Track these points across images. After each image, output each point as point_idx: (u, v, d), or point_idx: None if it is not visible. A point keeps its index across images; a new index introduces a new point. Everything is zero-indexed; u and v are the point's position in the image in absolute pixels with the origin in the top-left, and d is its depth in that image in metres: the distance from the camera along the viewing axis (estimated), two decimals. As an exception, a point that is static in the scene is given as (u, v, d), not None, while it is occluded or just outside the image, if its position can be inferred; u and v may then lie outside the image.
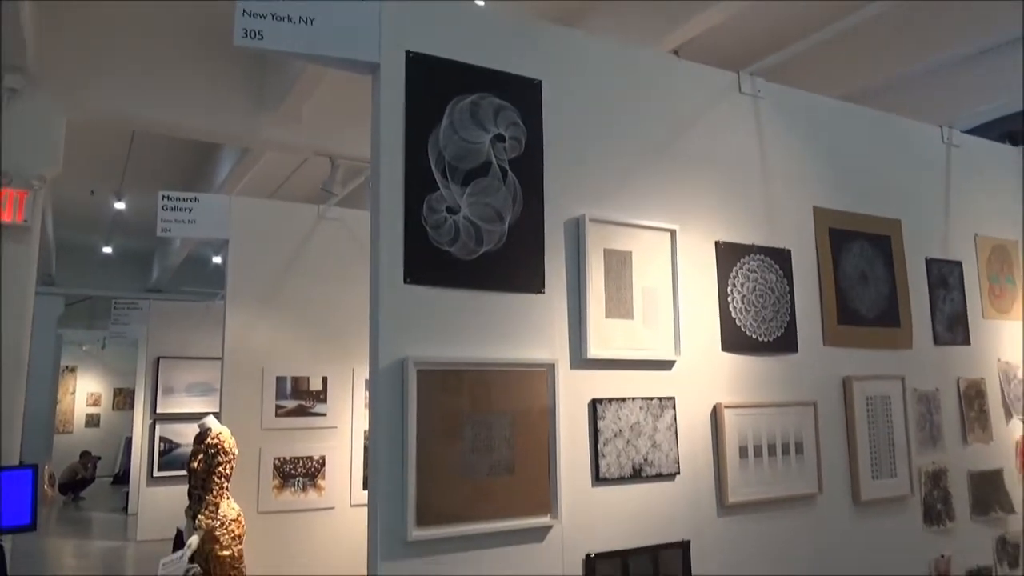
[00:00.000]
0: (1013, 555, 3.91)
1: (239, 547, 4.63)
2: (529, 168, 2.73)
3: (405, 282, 2.45)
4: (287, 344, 5.48)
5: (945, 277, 3.92)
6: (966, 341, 3.95)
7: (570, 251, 2.78)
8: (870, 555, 3.37)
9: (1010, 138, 4.85)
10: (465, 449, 2.46)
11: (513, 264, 2.65)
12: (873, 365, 3.53)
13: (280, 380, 5.40)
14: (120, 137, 8.28)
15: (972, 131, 4.68)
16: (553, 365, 2.64)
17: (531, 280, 2.68)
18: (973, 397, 3.90)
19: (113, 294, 12.05)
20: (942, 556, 3.61)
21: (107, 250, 12.96)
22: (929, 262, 3.87)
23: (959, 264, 4.00)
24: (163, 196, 5.30)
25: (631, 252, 2.90)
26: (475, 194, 2.61)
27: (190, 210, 5.28)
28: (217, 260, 11.86)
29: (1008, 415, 4.05)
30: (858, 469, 3.36)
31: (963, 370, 3.90)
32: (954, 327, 3.91)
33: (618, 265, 2.86)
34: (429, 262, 2.50)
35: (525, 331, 2.65)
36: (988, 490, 3.85)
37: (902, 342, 3.67)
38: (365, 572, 2.40)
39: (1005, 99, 5.43)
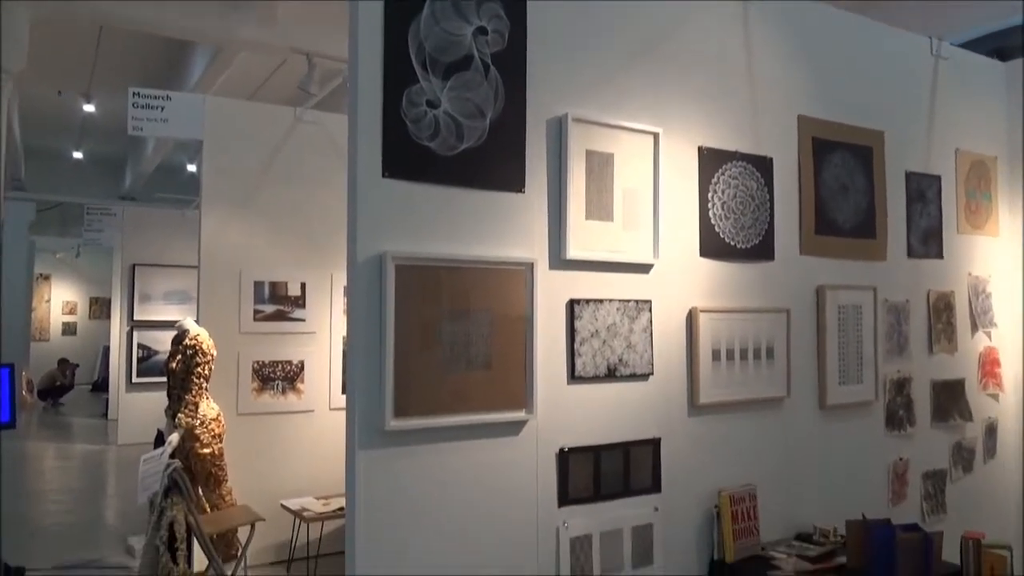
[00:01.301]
0: (968, 460, 4.09)
1: (219, 446, 4.71)
2: (512, 63, 2.66)
3: (383, 176, 2.42)
4: (264, 249, 5.43)
5: (923, 191, 3.94)
6: (939, 255, 4.01)
7: (552, 151, 2.75)
8: (833, 457, 3.50)
9: (998, 53, 4.79)
10: (443, 344, 2.48)
11: (494, 161, 2.61)
12: (847, 275, 3.58)
13: (258, 285, 5.38)
14: (87, 34, 7.94)
15: (962, 45, 4.61)
16: (532, 264, 2.65)
17: (512, 179, 2.65)
18: (942, 309, 3.99)
19: (85, 200, 11.80)
20: (900, 459, 3.77)
21: (78, 155, 12.64)
22: (909, 175, 3.88)
23: (938, 178, 4.02)
24: (134, 93, 5.13)
25: (613, 154, 2.87)
26: (456, 88, 2.55)
27: (162, 108, 5.12)
28: (192, 168, 11.61)
29: (974, 328, 4.16)
30: (826, 375, 3.46)
31: (934, 283, 3.97)
32: (928, 241, 3.96)
33: (600, 167, 2.84)
34: (408, 157, 2.46)
35: (504, 230, 2.64)
36: (949, 399, 3.99)
37: (877, 254, 3.72)
38: (344, 469, 2.45)
39: (997, 13, 5.34)
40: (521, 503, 2.63)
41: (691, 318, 3.07)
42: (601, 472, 2.82)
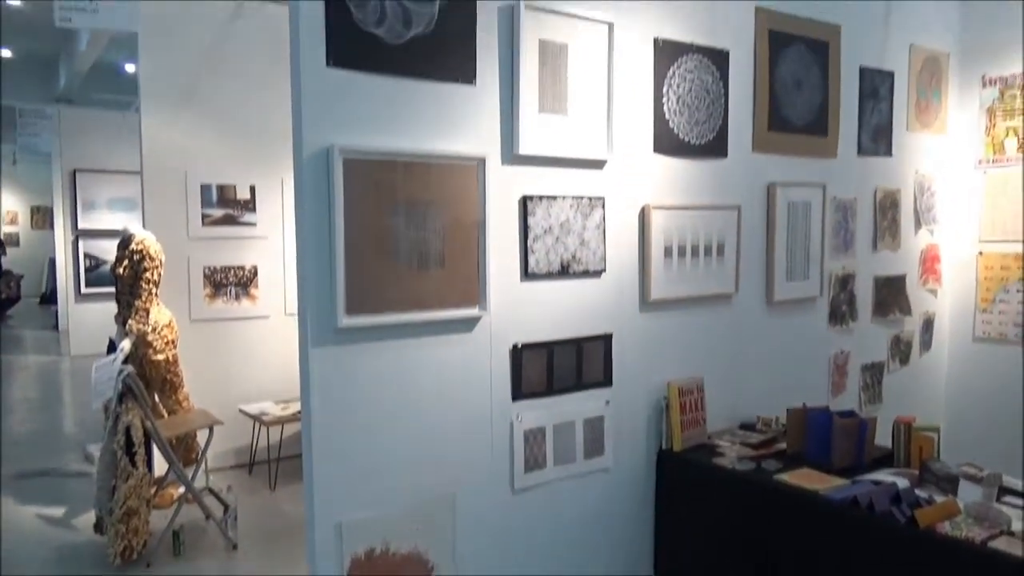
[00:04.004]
0: (905, 352, 4.27)
1: (173, 352, 4.66)
2: (461, -55, 2.53)
3: (328, 65, 2.32)
4: (211, 151, 5.23)
5: (877, 87, 3.94)
6: (888, 152, 4.05)
7: (503, 40, 2.65)
8: (778, 350, 3.62)
9: (958, -54, 4.72)
10: (394, 240, 2.45)
11: (443, 51, 2.52)
12: (797, 172, 3.61)
13: (205, 188, 5.21)
14: (3, -83, 7.30)
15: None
16: (483, 160, 2.60)
17: (462, 69, 2.57)
18: (888, 207, 4.07)
19: (17, 103, 11.15)
20: (841, 352, 3.92)
21: (6, 53, 11.84)
22: (863, 71, 3.87)
23: (891, 75, 4.02)
24: (59, -19, 4.78)
25: (567, 44, 2.79)
26: (402, -29, 2.42)
27: (91, -2, 4.79)
28: (131, 68, 10.99)
29: (918, 225, 4.26)
30: (774, 271, 3.53)
31: (881, 180, 4.03)
32: (878, 138, 3.99)
33: (553, 58, 2.76)
34: (353, 45, 2.35)
35: (455, 123, 2.57)
36: (890, 294, 4.13)
37: (827, 151, 3.74)
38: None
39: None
40: (475, 398, 2.68)
41: (644, 215, 3.07)
42: (554, 367, 2.87)
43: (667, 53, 3.09)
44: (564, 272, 2.87)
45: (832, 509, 2.55)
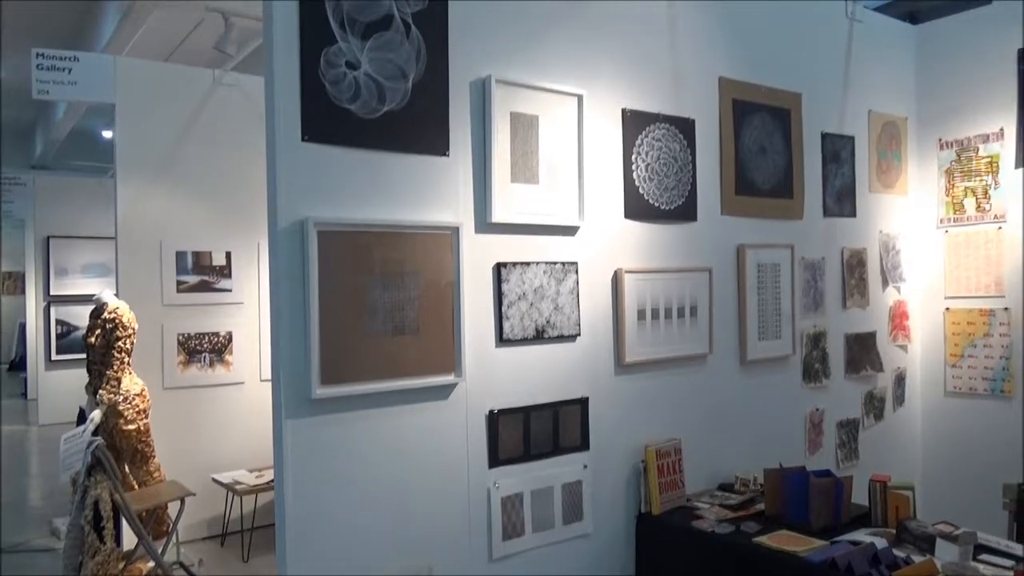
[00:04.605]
0: (879, 408, 4.32)
1: (145, 421, 4.59)
2: (434, 23, 2.62)
3: (303, 140, 2.37)
4: (186, 218, 5.24)
5: (838, 151, 4.08)
6: (852, 213, 4.17)
7: (476, 113, 2.73)
8: (753, 410, 3.65)
9: (910, 17, 4.96)
10: (369, 310, 2.47)
11: (417, 125, 2.58)
12: (766, 234, 3.70)
13: (180, 255, 5.21)
14: (-15, -9, 7.42)
15: (876, 9, 4.75)
16: (457, 228, 2.64)
17: (435, 142, 2.63)
18: (855, 266, 4.17)
19: (-7, 170, 11.14)
20: (816, 409, 3.95)
21: (-19, 121, 11.86)
22: (824, 136, 4.01)
23: (852, 139, 4.16)
24: (38, 54, 4.84)
25: (538, 116, 2.87)
26: (376, 49, 2.50)
27: (69, 70, 4.85)
28: (108, 134, 11.05)
29: (885, 283, 4.36)
30: (746, 331, 3.58)
31: (847, 240, 4.14)
32: (842, 200, 4.11)
33: (524, 129, 2.84)
34: (328, 120, 2.41)
35: (429, 194, 2.62)
36: (861, 351, 4.19)
37: (794, 213, 3.85)
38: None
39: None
40: (452, 466, 2.66)
41: (616, 279, 3.12)
42: (531, 432, 2.87)
43: (635, 123, 3.19)
44: (539, 337, 2.89)
45: (812, 572, 2.54)
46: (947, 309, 4.44)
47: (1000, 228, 4.21)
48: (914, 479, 3.91)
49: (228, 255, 5.37)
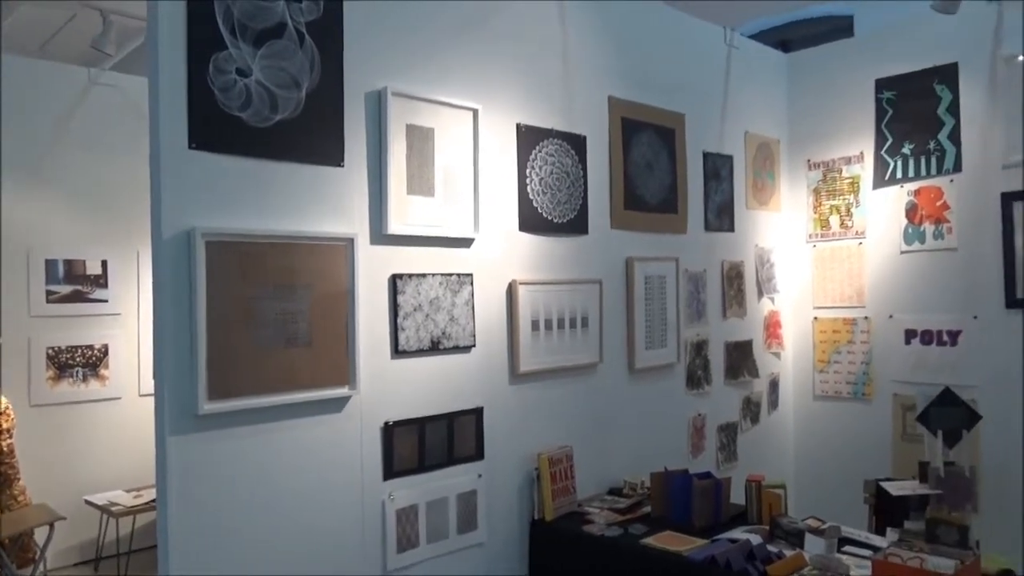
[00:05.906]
0: (755, 412, 4.58)
1: (8, 442, 4.27)
2: (328, 33, 2.61)
3: (191, 147, 2.29)
4: (59, 224, 4.92)
5: (718, 169, 4.32)
6: (731, 228, 4.42)
7: (371, 124, 2.73)
8: (641, 415, 3.80)
9: (783, 45, 5.31)
10: (260, 322, 2.41)
11: (311, 135, 2.55)
12: (653, 247, 3.87)
13: (51, 263, 4.88)
14: None
15: (752, 36, 5.06)
16: (352, 240, 2.63)
17: (330, 152, 2.61)
18: (734, 278, 4.41)
19: None
20: (699, 414, 4.15)
21: None
22: (706, 155, 4.23)
23: (730, 158, 4.41)
24: None
25: (434, 129, 2.90)
26: (269, 57, 2.45)
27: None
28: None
29: (760, 294, 4.64)
30: (635, 340, 3.73)
31: (727, 254, 4.38)
32: (722, 215, 4.35)
33: (420, 141, 2.86)
34: (217, 127, 2.34)
35: (323, 205, 2.60)
36: (739, 358, 4.44)
37: (678, 227, 4.04)
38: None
39: (781, 8, 5.91)
40: (345, 480, 2.64)
41: (511, 290, 3.18)
42: (426, 443, 2.88)
43: (529, 138, 3.27)
44: (435, 348, 2.91)
45: (694, 569, 2.67)
46: (815, 318, 4.77)
47: (860, 244, 4.57)
48: (787, 478, 4.18)
49: (104, 264, 5.08)
